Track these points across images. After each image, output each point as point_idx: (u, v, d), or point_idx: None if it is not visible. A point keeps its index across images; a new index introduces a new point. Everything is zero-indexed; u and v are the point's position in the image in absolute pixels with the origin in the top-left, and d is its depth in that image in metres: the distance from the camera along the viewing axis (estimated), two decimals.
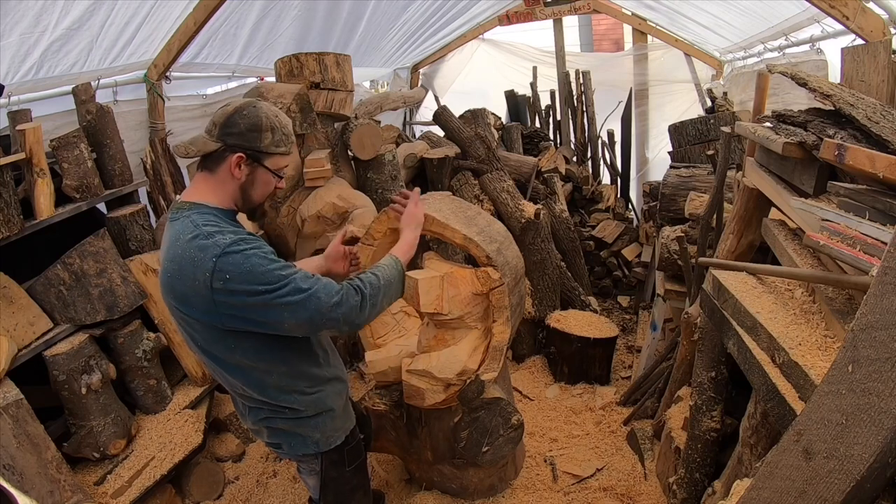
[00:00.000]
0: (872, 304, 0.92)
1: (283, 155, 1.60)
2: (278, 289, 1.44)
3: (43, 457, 2.11)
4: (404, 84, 6.43)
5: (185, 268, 1.43)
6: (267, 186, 1.61)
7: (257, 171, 1.57)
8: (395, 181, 3.72)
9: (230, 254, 1.42)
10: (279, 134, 1.56)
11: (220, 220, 1.52)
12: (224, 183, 1.55)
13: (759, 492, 1.13)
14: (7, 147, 2.38)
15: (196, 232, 1.45)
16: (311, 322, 1.50)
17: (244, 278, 1.42)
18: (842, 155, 1.41)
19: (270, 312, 1.46)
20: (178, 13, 2.93)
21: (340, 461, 1.81)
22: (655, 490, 2.59)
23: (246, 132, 1.52)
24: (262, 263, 1.44)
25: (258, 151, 1.54)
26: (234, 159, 1.52)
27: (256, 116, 1.53)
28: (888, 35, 2.16)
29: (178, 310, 1.51)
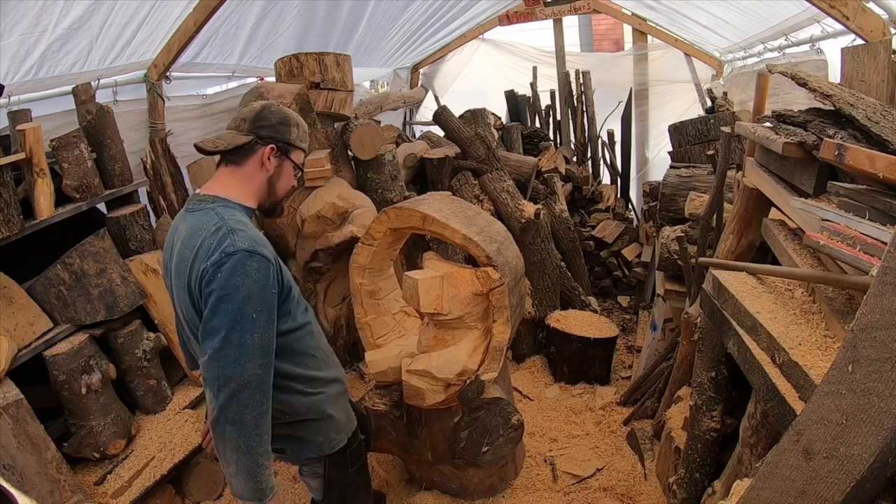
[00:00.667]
0: (872, 304, 0.92)
1: (303, 151, 1.68)
2: (234, 329, 1.40)
3: (43, 457, 2.11)
4: (404, 84, 6.43)
5: (200, 256, 1.44)
6: (290, 180, 1.67)
7: (284, 164, 1.63)
8: (395, 181, 3.72)
9: (237, 261, 1.41)
10: (302, 130, 1.66)
11: (243, 217, 1.55)
12: (252, 176, 1.60)
13: (759, 492, 1.13)
14: (7, 147, 2.38)
15: (220, 224, 1.47)
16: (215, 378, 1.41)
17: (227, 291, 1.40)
18: (842, 155, 1.41)
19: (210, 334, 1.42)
20: (178, 13, 2.92)
21: (343, 463, 1.80)
22: (655, 490, 2.59)
23: (277, 125, 1.60)
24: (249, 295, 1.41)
25: (287, 143, 1.62)
26: (267, 150, 1.58)
27: (284, 112, 1.63)
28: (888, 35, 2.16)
29: (190, 306, 1.51)
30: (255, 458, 1.45)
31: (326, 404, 1.72)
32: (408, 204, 2.38)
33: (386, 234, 2.45)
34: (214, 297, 1.41)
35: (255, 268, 1.43)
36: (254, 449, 1.44)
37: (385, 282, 2.65)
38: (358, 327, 2.60)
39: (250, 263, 1.42)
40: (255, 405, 1.44)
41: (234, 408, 1.41)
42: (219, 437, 1.45)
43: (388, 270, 2.68)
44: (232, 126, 1.63)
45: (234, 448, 1.43)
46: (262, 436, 1.46)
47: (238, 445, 1.43)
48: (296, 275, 3.68)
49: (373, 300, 2.60)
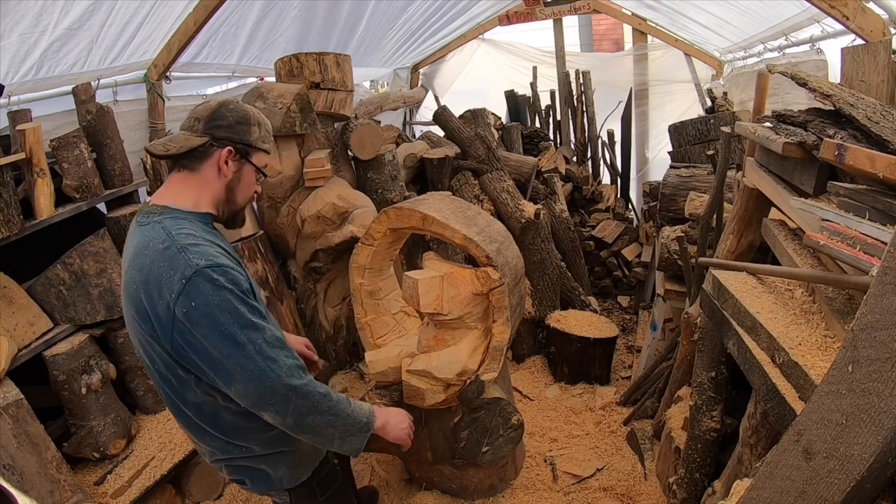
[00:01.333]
0: (872, 304, 0.92)
1: (266, 153, 1.51)
2: (240, 343, 1.30)
3: (43, 457, 2.11)
4: (404, 84, 6.43)
5: (152, 281, 1.30)
6: (251, 187, 1.52)
7: (244, 168, 1.47)
8: (395, 181, 3.72)
9: (202, 279, 1.29)
10: (264, 130, 1.50)
11: (195, 228, 1.39)
12: (208, 182, 1.44)
13: (759, 492, 1.13)
14: (7, 147, 2.38)
15: (168, 242, 1.32)
16: (260, 398, 1.34)
17: (208, 314, 1.28)
18: (842, 155, 1.41)
19: (221, 367, 1.32)
20: (178, 13, 2.93)
21: (311, 493, 1.66)
22: (655, 490, 2.59)
23: (235, 124, 1.43)
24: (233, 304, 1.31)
25: (248, 145, 1.45)
26: (224, 153, 1.42)
27: (244, 110, 1.46)
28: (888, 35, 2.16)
29: (139, 326, 1.37)
30: (342, 411, 1.45)
31: (286, 440, 1.55)
32: (408, 204, 2.38)
33: (386, 234, 2.45)
34: (201, 329, 1.29)
35: (222, 279, 1.31)
36: (339, 409, 1.44)
37: (385, 282, 2.65)
38: (358, 327, 2.60)
39: (217, 277, 1.30)
40: (311, 384, 1.40)
41: (300, 401, 1.37)
42: (309, 431, 1.42)
43: (388, 270, 2.68)
44: (185, 126, 1.45)
45: (327, 423, 1.42)
46: (331, 396, 1.44)
47: (328, 420, 1.42)
48: (296, 274, 3.68)
49: (373, 300, 2.60)
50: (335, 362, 3.84)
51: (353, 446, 1.52)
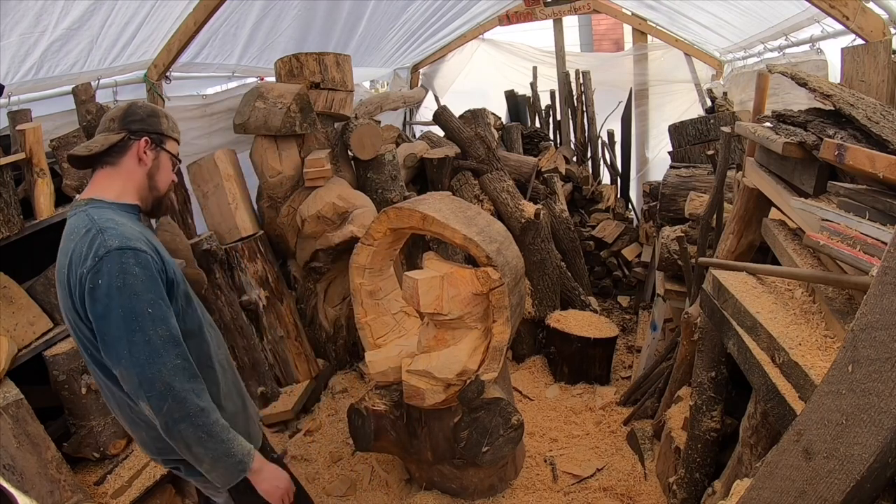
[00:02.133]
0: (872, 304, 0.92)
1: (175, 141, 1.66)
2: (134, 330, 1.35)
3: (43, 457, 2.11)
4: (404, 84, 6.43)
5: (73, 262, 1.40)
6: (168, 173, 1.64)
7: (161, 155, 1.61)
8: (395, 181, 3.72)
9: (111, 260, 1.36)
10: (172, 121, 1.65)
11: (117, 215, 1.48)
12: (130, 173, 1.56)
13: (759, 492, 1.13)
14: (7, 147, 2.38)
15: (90, 225, 1.42)
16: (139, 386, 1.36)
17: (110, 294, 1.34)
18: (842, 155, 1.41)
19: (112, 347, 1.36)
20: (178, 13, 2.92)
21: (248, 488, 1.61)
22: (655, 490, 2.59)
23: (147, 118, 1.58)
24: (138, 289, 1.36)
25: (161, 134, 1.60)
26: (142, 143, 1.56)
27: (151, 106, 1.63)
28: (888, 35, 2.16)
29: (70, 311, 1.44)
30: (218, 437, 1.43)
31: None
32: (408, 204, 2.38)
33: (386, 234, 2.45)
34: (101, 305, 1.35)
35: (132, 263, 1.37)
36: (212, 431, 1.42)
37: (385, 282, 2.65)
38: (358, 327, 2.60)
39: (126, 260, 1.37)
40: (191, 394, 1.40)
41: (173, 405, 1.37)
42: (178, 441, 1.41)
43: (388, 270, 2.68)
44: (102, 129, 1.58)
45: (197, 441, 1.40)
46: (212, 415, 1.43)
47: (198, 436, 1.40)
48: (296, 274, 3.68)
49: (373, 300, 2.60)
50: (335, 362, 3.84)
51: (223, 479, 1.48)
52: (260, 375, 3.32)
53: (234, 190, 3.43)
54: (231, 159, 3.53)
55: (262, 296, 3.38)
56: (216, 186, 3.41)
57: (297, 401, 3.34)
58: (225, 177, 3.41)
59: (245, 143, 3.75)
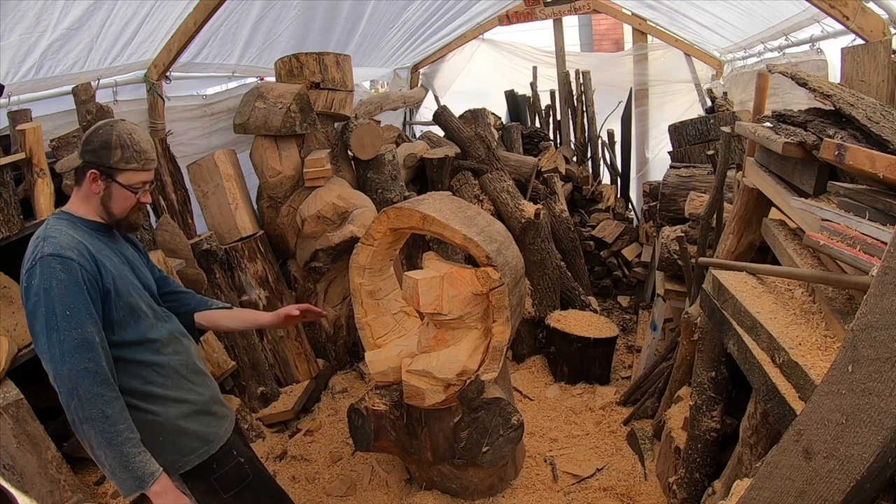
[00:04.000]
0: (872, 304, 0.92)
1: (135, 171, 1.65)
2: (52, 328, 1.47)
3: (43, 457, 2.11)
4: (404, 84, 6.42)
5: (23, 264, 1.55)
6: (126, 201, 1.67)
7: (112, 186, 1.64)
8: (395, 181, 3.72)
9: (42, 264, 1.49)
10: (129, 151, 1.63)
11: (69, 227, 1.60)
12: (88, 196, 1.66)
13: (759, 492, 1.13)
14: (7, 147, 2.38)
15: (40, 234, 1.57)
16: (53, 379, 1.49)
17: (38, 293, 1.48)
18: (842, 155, 1.41)
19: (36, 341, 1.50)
20: (178, 13, 2.92)
21: (211, 489, 1.72)
22: (655, 490, 2.59)
23: (98, 149, 1.61)
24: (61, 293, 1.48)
25: (109, 167, 1.62)
26: (90, 175, 1.63)
27: (108, 135, 1.62)
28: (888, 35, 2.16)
29: None
30: (118, 448, 1.48)
31: (165, 424, 1.65)
32: (408, 204, 2.38)
33: (386, 234, 2.45)
34: (30, 302, 1.49)
35: (58, 269, 1.49)
36: (113, 440, 1.48)
37: (385, 282, 2.65)
38: (358, 327, 2.60)
39: (53, 265, 1.49)
40: (98, 398, 1.47)
41: (79, 404, 1.46)
42: (82, 439, 1.49)
43: (388, 270, 2.68)
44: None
45: (98, 444, 1.48)
46: (117, 425, 1.49)
47: (99, 441, 1.48)
48: (296, 274, 3.68)
49: (373, 300, 2.60)
50: (335, 362, 3.84)
51: (120, 488, 1.54)
52: (260, 375, 3.32)
53: (234, 190, 3.43)
54: (231, 159, 3.53)
55: (261, 296, 3.38)
56: (216, 186, 3.41)
57: (297, 401, 3.34)
58: (225, 177, 3.41)
59: (245, 143, 3.75)
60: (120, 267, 1.66)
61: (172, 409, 1.68)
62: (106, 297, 1.58)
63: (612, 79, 5.85)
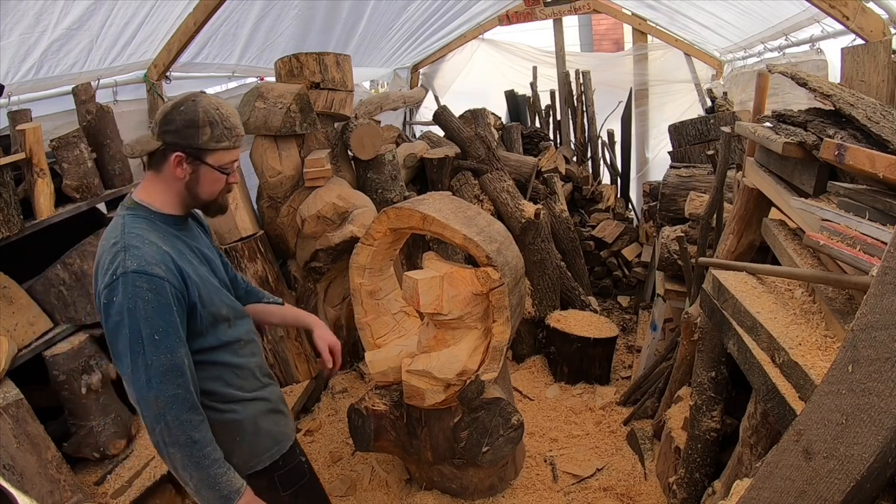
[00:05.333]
0: (872, 304, 0.92)
1: (226, 150, 1.50)
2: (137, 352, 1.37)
3: (43, 457, 2.11)
4: (404, 84, 6.43)
5: (98, 268, 1.43)
6: (215, 184, 1.53)
7: (200, 170, 1.49)
8: (395, 181, 3.72)
9: (126, 282, 1.36)
10: (219, 129, 1.47)
11: (149, 229, 1.46)
12: (169, 182, 1.49)
13: (759, 492, 1.13)
14: (7, 147, 2.38)
15: (117, 239, 1.42)
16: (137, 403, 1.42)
17: (120, 314, 1.36)
18: (842, 155, 1.41)
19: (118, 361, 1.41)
20: (178, 13, 2.92)
21: (272, 486, 1.69)
22: (655, 490, 2.59)
23: (182, 129, 1.44)
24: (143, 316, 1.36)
25: (197, 148, 1.46)
26: (174, 158, 1.45)
27: (194, 112, 1.44)
28: (888, 35, 2.16)
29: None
30: (205, 471, 1.43)
31: (244, 425, 1.63)
32: (408, 204, 2.38)
33: (386, 234, 2.45)
34: (111, 321, 1.38)
35: (145, 288, 1.36)
36: (201, 463, 1.43)
37: (385, 282, 2.65)
38: (358, 327, 2.60)
39: (140, 284, 1.36)
40: (186, 424, 1.40)
41: (165, 429, 1.39)
42: (166, 460, 1.44)
43: (388, 270, 2.68)
44: (150, 127, 1.51)
45: (183, 466, 1.42)
46: (204, 449, 1.44)
47: (185, 464, 1.42)
48: (296, 274, 3.68)
49: (373, 300, 2.60)
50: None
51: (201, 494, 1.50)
52: None
53: (234, 190, 3.43)
54: None
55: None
56: None
57: (297, 401, 3.34)
58: None
59: (245, 143, 3.74)
60: (200, 270, 1.55)
61: (250, 409, 1.65)
62: (192, 311, 1.48)
63: (612, 79, 5.85)
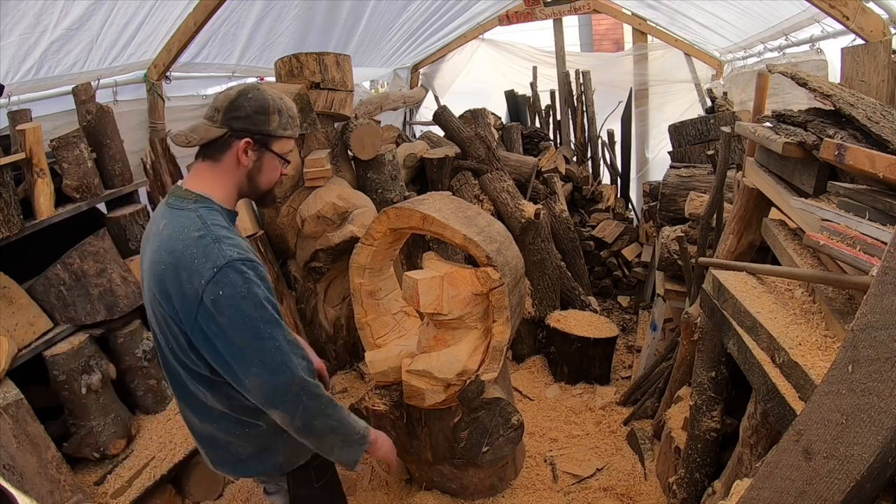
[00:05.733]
0: (872, 304, 0.92)
1: (289, 138, 1.52)
2: (263, 338, 1.36)
3: (43, 457, 2.11)
4: (404, 84, 6.42)
5: (183, 265, 1.34)
6: (274, 172, 1.54)
7: (265, 157, 1.49)
8: (395, 181, 3.72)
9: (233, 271, 1.34)
10: (286, 116, 1.49)
11: (224, 221, 1.44)
12: (229, 172, 1.47)
13: (759, 492, 1.13)
14: (7, 147, 2.38)
15: (204, 231, 1.37)
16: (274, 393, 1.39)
17: (236, 304, 1.33)
18: (842, 155, 1.41)
19: (239, 357, 1.36)
20: (178, 13, 2.93)
21: (307, 479, 1.72)
22: (655, 490, 2.59)
23: (253, 115, 1.43)
24: (260, 298, 1.36)
25: (266, 135, 1.46)
26: (242, 145, 1.44)
27: (262, 98, 1.45)
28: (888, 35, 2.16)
29: (160, 305, 1.41)
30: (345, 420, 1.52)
31: None
32: (408, 204, 2.38)
33: (386, 234, 2.45)
34: (224, 316, 1.33)
35: (252, 274, 1.37)
36: (338, 415, 1.50)
37: (385, 282, 2.65)
38: (358, 327, 2.60)
39: (246, 271, 1.36)
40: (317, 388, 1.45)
41: (309, 404, 1.43)
42: (312, 437, 1.48)
43: (388, 270, 2.68)
44: (207, 116, 1.46)
45: (331, 431, 1.50)
46: (334, 404, 1.51)
47: (332, 426, 1.49)
48: (296, 274, 3.68)
49: (373, 300, 2.60)
50: (335, 362, 3.84)
51: (352, 457, 1.57)
52: None
53: None
54: None
55: None
56: None
57: None
58: None
59: None
60: None
61: None
62: None
63: (612, 79, 5.85)
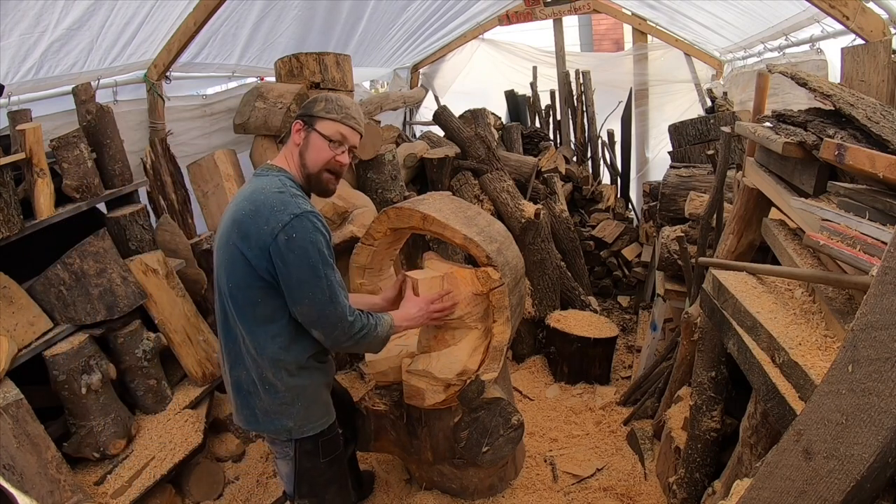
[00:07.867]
0: (872, 304, 0.92)
1: (333, 121, 1.81)
2: (320, 277, 1.69)
3: (43, 457, 2.11)
4: (404, 84, 6.42)
5: (262, 211, 1.68)
6: (320, 153, 1.81)
7: (311, 136, 1.81)
8: (395, 181, 3.72)
9: (306, 219, 1.68)
10: (332, 104, 1.82)
11: (294, 187, 1.79)
12: (290, 150, 1.85)
13: (759, 492, 1.13)
14: (7, 147, 2.38)
15: (283, 189, 1.74)
16: (318, 319, 1.74)
17: (304, 246, 1.66)
18: (842, 155, 1.41)
19: (301, 287, 1.69)
20: (178, 13, 2.92)
21: (315, 451, 1.90)
22: (655, 490, 2.59)
23: (308, 104, 1.85)
24: (322, 246, 1.70)
25: (310, 116, 1.82)
26: (296, 126, 1.83)
27: (325, 94, 1.86)
28: (888, 35, 2.16)
29: (235, 247, 1.71)
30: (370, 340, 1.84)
31: (306, 389, 1.86)
32: (408, 204, 2.38)
33: (386, 234, 2.45)
34: (293, 255, 1.66)
35: (319, 225, 1.71)
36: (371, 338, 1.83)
37: (385, 282, 2.65)
38: None
39: (316, 220, 1.70)
40: (356, 323, 1.77)
41: (341, 334, 1.75)
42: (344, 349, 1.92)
43: (388, 270, 2.68)
44: None
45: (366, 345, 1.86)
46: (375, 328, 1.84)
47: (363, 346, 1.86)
48: None
49: None
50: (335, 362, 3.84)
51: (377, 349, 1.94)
52: None
53: (234, 190, 3.43)
54: (231, 159, 3.52)
55: None
56: (216, 186, 3.40)
57: None
58: (225, 177, 3.40)
59: (245, 143, 3.75)
60: None
61: (316, 377, 1.90)
62: None
63: (612, 79, 5.85)
